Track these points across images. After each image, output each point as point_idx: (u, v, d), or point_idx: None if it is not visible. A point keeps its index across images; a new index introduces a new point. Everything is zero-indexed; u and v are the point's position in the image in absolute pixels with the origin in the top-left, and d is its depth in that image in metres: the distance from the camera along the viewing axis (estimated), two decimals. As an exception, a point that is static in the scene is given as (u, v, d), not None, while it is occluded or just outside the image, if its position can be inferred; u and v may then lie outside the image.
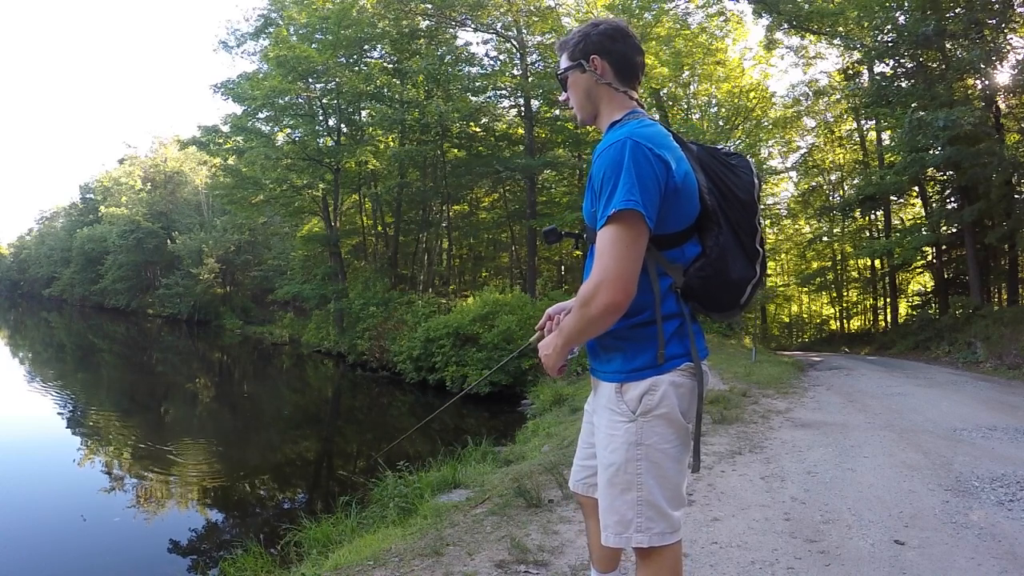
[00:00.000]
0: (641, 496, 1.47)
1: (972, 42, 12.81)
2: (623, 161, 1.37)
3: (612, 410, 1.51)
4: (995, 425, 5.66)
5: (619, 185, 1.36)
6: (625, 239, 1.36)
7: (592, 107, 1.59)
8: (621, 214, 1.35)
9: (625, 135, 1.41)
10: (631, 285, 1.37)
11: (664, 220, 1.43)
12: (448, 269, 25.80)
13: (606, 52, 1.54)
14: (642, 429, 1.47)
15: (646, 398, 1.47)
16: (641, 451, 1.47)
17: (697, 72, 20.53)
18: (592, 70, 1.54)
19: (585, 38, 1.56)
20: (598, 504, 1.60)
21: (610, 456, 1.51)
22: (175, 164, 44.68)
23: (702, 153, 1.57)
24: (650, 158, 1.38)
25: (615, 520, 1.50)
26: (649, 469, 1.47)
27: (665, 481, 1.48)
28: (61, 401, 13.25)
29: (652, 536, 1.48)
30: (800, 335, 30.64)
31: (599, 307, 1.37)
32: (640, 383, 1.48)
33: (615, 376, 1.52)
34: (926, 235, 17.41)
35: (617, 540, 1.51)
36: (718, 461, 4.38)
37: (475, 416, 11.60)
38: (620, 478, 1.49)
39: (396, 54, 20.81)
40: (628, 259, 1.36)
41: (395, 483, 4.81)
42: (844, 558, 2.75)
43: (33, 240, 71.32)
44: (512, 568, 2.69)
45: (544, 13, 19.44)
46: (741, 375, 9.15)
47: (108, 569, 5.16)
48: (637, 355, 1.49)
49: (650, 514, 1.47)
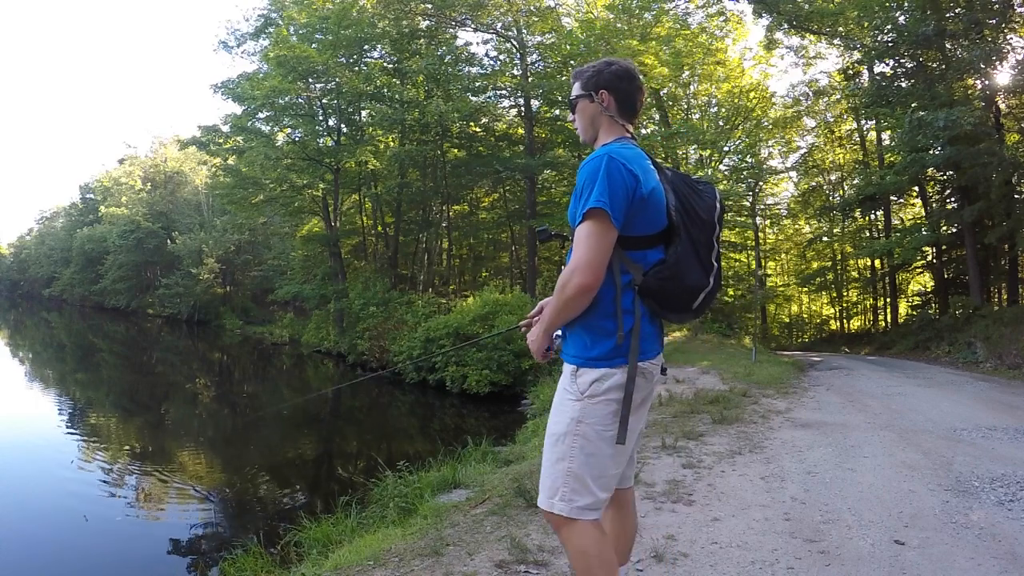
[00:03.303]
0: (571, 468, 1.68)
1: (972, 42, 12.80)
2: (599, 170, 1.64)
3: (565, 388, 1.74)
4: (995, 425, 5.66)
5: (594, 189, 1.62)
6: (595, 232, 1.61)
7: (594, 132, 1.86)
8: (593, 211, 1.61)
9: (605, 151, 1.68)
10: (600, 270, 1.62)
11: (631, 224, 1.67)
12: (448, 269, 25.79)
13: (614, 88, 1.82)
14: (585, 409, 1.69)
15: (595, 384, 1.68)
16: (580, 428, 1.68)
17: (697, 72, 20.51)
18: (599, 102, 1.82)
19: (598, 74, 1.83)
20: (618, 493, 1.83)
21: (554, 427, 1.74)
22: (175, 164, 44.67)
23: (675, 178, 1.83)
24: (622, 170, 1.64)
25: (547, 485, 1.73)
26: (584, 446, 1.68)
27: (595, 460, 1.68)
28: (61, 401, 13.26)
29: (573, 508, 1.68)
30: (800, 335, 30.62)
31: (573, 288, 1.62)
32: (594, 371, 1.69)
33: (574, 360, 1.74)
34: (926, 235, 17.41)
35: (544, 503, 1.73)
36: (718, 461, 4.38)
37: (475, 416, 11.60)
38: (558, 448, 1.71)
39: (396, 54, 20.79)
40: (597, 249, 1.61)
41: (395, 483, 4.81)
42: (844, 558, 2.75)
43: (33, 240, 71.30)
44: (512, 568, 2.69)
45: (544, 13, 19.43)
46: (741, 375, 9.16)
47: (110, 569, 5.17)
48: (596, 345, 1.70)
49: (576, 486, 1.68)
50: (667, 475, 4.01)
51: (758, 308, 21.47)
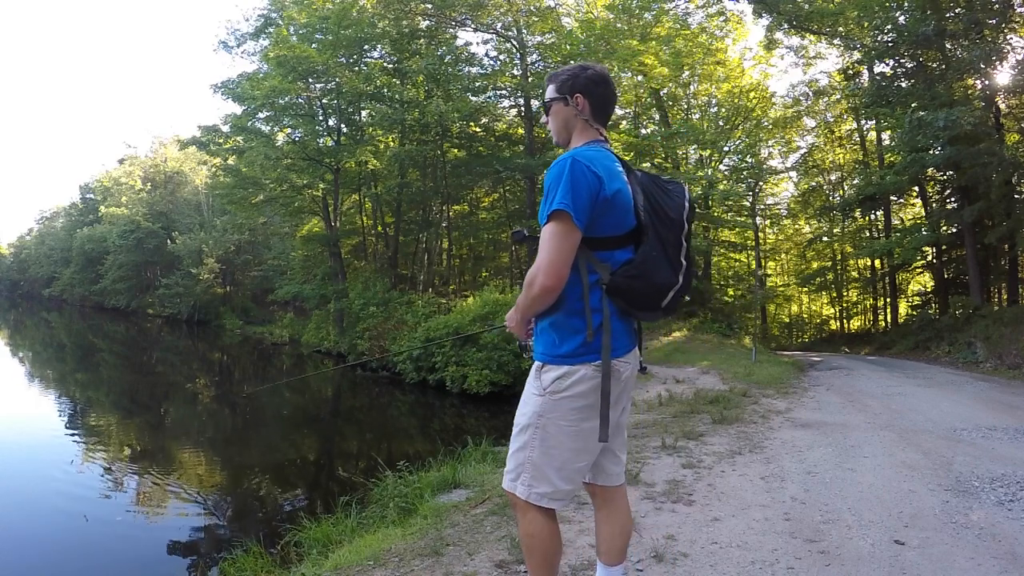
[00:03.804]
0: (531, 457, 1.77)
1: (972, 42, 12.80)
2: (561, 174, 1.67)
3: (531, 383, 1.81)
4: (995, 425, 5.66)
5: (558, 192, 1.65)
6: (558, 234, 1.64)
7: (567, 134, 1.89)
8: (556, 214, 1.64)
9: (570, 154, 1.71)
10: (562, 272, 1.65)
11: (596, 225, 1.70)
12: (448, 269, 25.78)
13: (589, 93, 1.84)
14: (546, 405, 1.74)
15: (558, 381, 1.73)
16: (541, 422, 1.75)
17: (697, 72, 20.51)
18: (574, 105, 1.84)
19: (574, 78, 1.85)
20: (607, 491, 1.92)
21: (520, 418, 1.82)
22: (175, 164, 44.66)
23: (645, 179, 1.85)
24: (586, 172, 1.67)
25: (511, 467, 1.82)
26: (543, 439, 1.75)
27: (554, 452, 1.75)
28: (61, 401, 13.26)
29: (532, 493, 1.76)
30: (800, 335, 30.61)
31: (537, 288, 1.66)
32: (558, 368, 1.73)
33: (541, 357, 1.79)
34: (926, 235, 17.41)
35: (507, 484, 1.83)
36: (718, 461, 4.38)
37: (475, 416, 11.60)
38: (520, 438, 1.80)
39: (396, 54, 20.79)
40: (560, 251, 1.64)
41: (395, 483, 4.81)
42: (844, 558, 2.75)
43: (33, 240, 71.28)
44: (512, 568, 2.69)
45: (544, 13, 19.43)
46: (741, 375, 9.16)
47: (110, 569, 5.17)
48: (562, 344, 1.74)
49: (535, 474, 1.76)
50: (667, 475, 4.01)
51: (758, 308, 21.47)
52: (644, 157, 20.61)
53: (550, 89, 1.90)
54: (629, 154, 20.57)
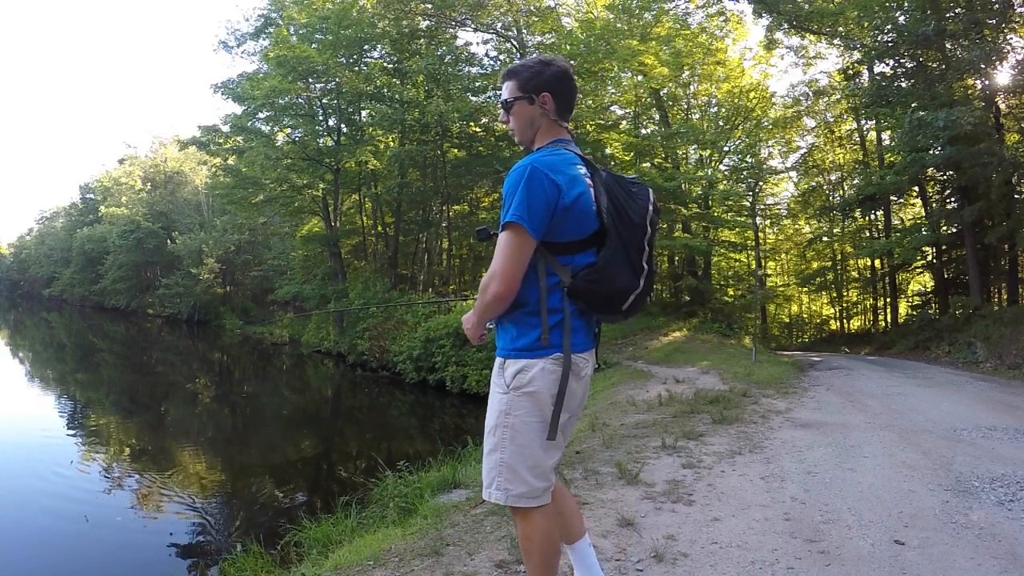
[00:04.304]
0: (503, 459, 1.74)
1: (972, 42, 12.80)
2: (520, 182, 1.67)
3: (495, 381, 1.80)
4: (995, 425, 5.66)
5: (514, 201, 1.66)
6: (512, 244, 1.67)
7: (532, 133, 1.86)
8: (510, 225, 1.66)
9: (529, 160, 1.70)
10: (514, 281, 1.68)
11: (556, 230, 1.70)
12: (448, 269, 25.77)
13: (554, 90, 1.82)
14: (512, 401, 1.74)
15: (519, 376, 1.73)
16: (508, 420, 1.74)
17: (697, 72, 20.50)
18: (540, 104, 1.81)
19: (538, 76, 1.81)
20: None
21: (488, 420, 1.80)
22: (175, 164, 44.66)
23: (609, 180, 1.82)
24: (543, 182, 1.66)
25: (484, 475, 1.80)
26: (513, 437, 1.73)
27: (525, 450, 1.73)
28: (62, 401, 13.27)
29: (509, 496, 1.74)
30: (800, 335, 30.60)
31: (490, 295, 1.70)
32: (517, 362, 1.75)
33: (501, 352, 1.81)
34: (926, 235, 17.41)
35: (484, 493, 1.80)
36: (718, 461, 4.38)
37: (475, 416, 11.59)
38: (490, 440, 1.78)
39: (396, 54, 20.79)
40: (512, 260, 1.67)
41: (395, 483, 4.80)
42: (844, 558, 2.75)
43: (33, 240, 71.28)
44: (512, 568, 2.69)
45: (544, 13, 19.43)
46: (741, 375, 9.15)
47: (110, 569, 5.17)
48: (520, 338, 1.75)
49: (509, 475, 1.74)
50: (667, 475, 4.01)
51: (758, 308, 21.46)
52: (644, 157, 20.61)
53: (510, 86, 1.84)
54: (629, 154, 20.60)
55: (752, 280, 21.27)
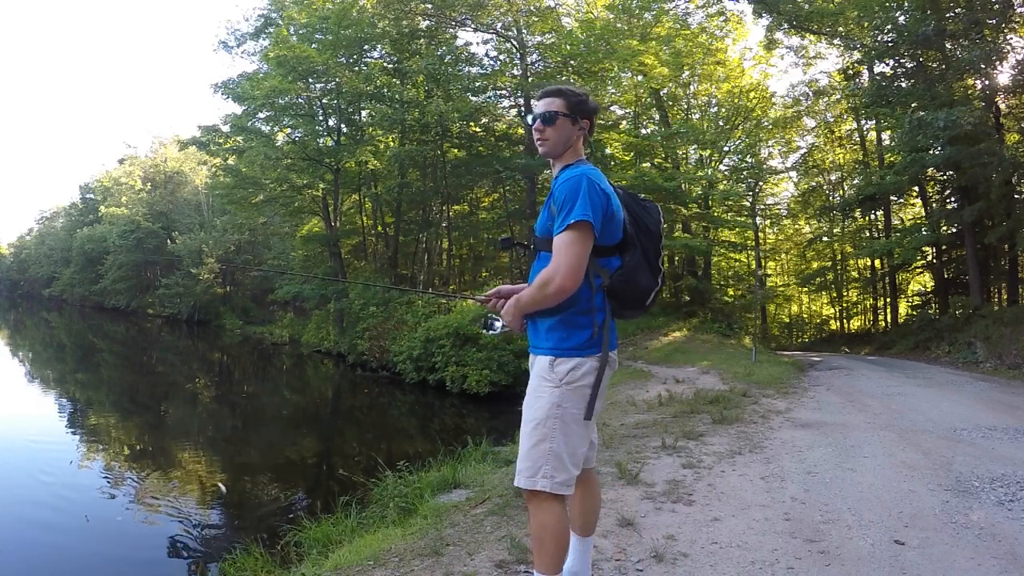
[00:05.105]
0: (552, 448, 1.89)
1: (972, 42, 12.80)
2: (580, 188, 1.86)
3: (543, 377, 1.94)
4: (995, 425, 5.66)
5: (577, 204, 1.84)
6: (579, 241, 1.84)
7: (563, 148, 2.05)
8: (578, 223, 1.83)
9: (582, 171, 1.92)
10: (580, 276, 1.86)
11: (602, 235, 1.91)
12: (448, 269, 25.78)
13: (591, 120, 2.10)
14: (563, 395, 1.90)
15: (572, 372, 1.91)
16: (559, 412, 1.90)
17: (697, 72, 20.50)
18: (581, 127, 2.06)
19: (584, 103, 2.06)
20: (585, 472, 2.08)
21: (533, 412, 1.94)
22: (175, 164, 44.64)
23: (625, 196, 2.09)
24: (597, 190, 1.89)
25: (527, 466, 1.91)
26: (562, 428, 1.90)
27: (570, 440, 1.91)
28: (62, 401, 13.27)
29: (554, 483, 1.88)
30: (800, 335, 30.60)
31: (554, 289, 1.84)
32: (570, 360, 1.92)
33: (551, 351, 1.95)
34: (926, 235, 17.41)
35: (526, 483, 1.91)
36: (718, 461, 4.38)
37: (475, 416, 11.61)
38: (538, 431, 1.91)
39: (396, 54, 20.78)
40: (580, 257, 1.85)
41: (395, 483, 4.80)
42: (844, 558, 2.75)
43: (33, 240, 71.25)
44: (512, 568, 2.69)
45: (544, 13, 19.43)
46: (741, 375, 9.15)
47: (110, 568, 5.17)
48: (571, 337, 1.93)
49: (556, 464, 1.89)
50: (667, 475, 4.01)
51: (758, 308, 21.46)
52: (644, 157, 20.62)
53: (557, 103, 2.04)
54: (629, 154, 20.60)
55: (752, 280, 21.27)
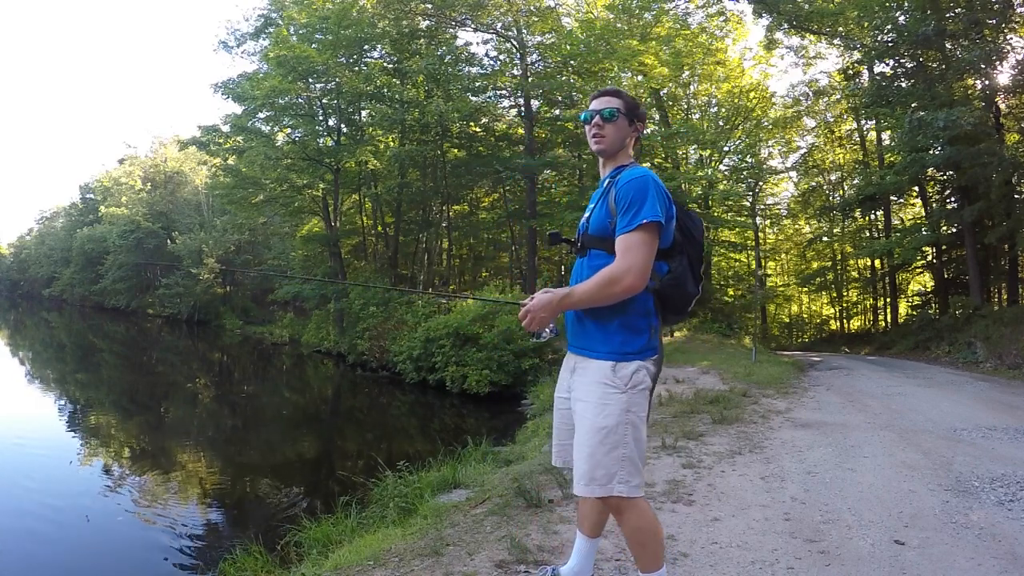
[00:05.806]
0: (626, 453, 1.89)
1: (972, 42, 12.81)
2: (648, 189, 1.88)
3: (606, 384, 1.92)
4: (995, 425, 5.66)
5: (646, 204, 1.85)
6: (649, 242, 1.85)
7: (619, 147, 2.08)
8: (649, 225, 1.84)
9: (647, 173, 1.93)
10: (647, 276, 1.87)
11: (661, 238, 1.92)
12: (448, 269, 25.78)
13: (643, 122, 2.14)
14: (631, 399, 1.91)
15: (635, 376, 1.92)
16: (629, 417, 1.90)
17: (697, 72, 20.53)
18: (637, 129, 2.10)
19: (638, 107, 2.10)
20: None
21: (603, 420, 1.90)
22: (175, 164, 44.61)
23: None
24: (662, 192, 1.91)
25: (602, 474, 1.89)
26: (633, 432, 1.91)
27: (640, 442, 1.93)
28: (62, 401, 13.26)
29: (631, 487, 1.89)
30: (800, 335, 30.62)
31: (623, 288, 1.84)
32: (631, 364, 1.92)
33: (611, 356, 1.94)
34: (926, 235, 17.42)
35: (602, 491, 1.90)
36: (718, 461, 4.38)
37: (475, 416, 11.60)
38: (611, 438, 1.89)
39: (396, 54, 20.78)
40: (649, 257, 1.86)
41: (395, 483, 4.80)
42: (844, 558, 2.75)
43: (33, 240, 71.18)
44: (512, 568, 2.69)
45: (544, 13, 19.42)
46: (741, 375, 9.16)
47: (111, 568, 5.17)
48: (633, 341, 1.94)
49: (631, 468, 1.90)
50: (667, 475, 4.01)
51: (758, 308, 21.47)
52: (644, 157, 20.60)
53: (618, 102, 2.05)
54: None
55: (752, 280, 21.29)
